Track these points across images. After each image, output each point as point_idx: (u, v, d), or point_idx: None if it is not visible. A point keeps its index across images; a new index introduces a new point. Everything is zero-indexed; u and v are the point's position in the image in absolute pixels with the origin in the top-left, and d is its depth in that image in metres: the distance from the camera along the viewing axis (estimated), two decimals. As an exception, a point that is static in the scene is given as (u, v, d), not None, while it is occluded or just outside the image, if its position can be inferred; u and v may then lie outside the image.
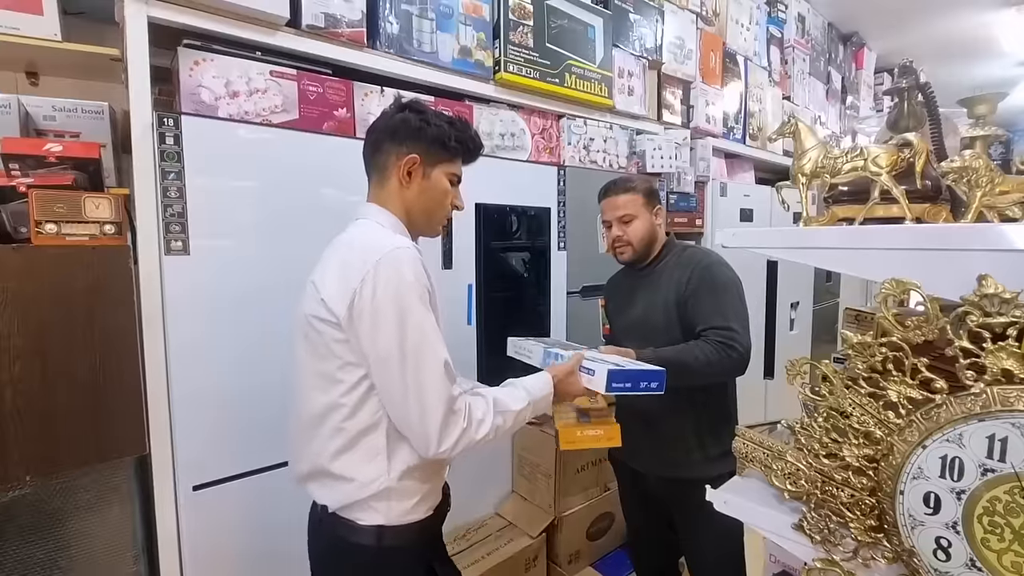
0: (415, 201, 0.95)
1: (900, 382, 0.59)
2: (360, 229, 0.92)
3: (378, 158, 0.94)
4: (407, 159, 0.92)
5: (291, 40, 1.32)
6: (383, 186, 0.95)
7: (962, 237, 0.55)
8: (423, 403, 0.81)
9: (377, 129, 0.96)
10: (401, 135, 0.93)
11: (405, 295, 0.81)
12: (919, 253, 0.59)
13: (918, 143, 0.64)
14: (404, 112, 0.94)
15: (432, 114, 0.95)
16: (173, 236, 1.13)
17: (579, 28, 1.91)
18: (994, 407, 0.52)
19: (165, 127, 1.12)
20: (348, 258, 0.85)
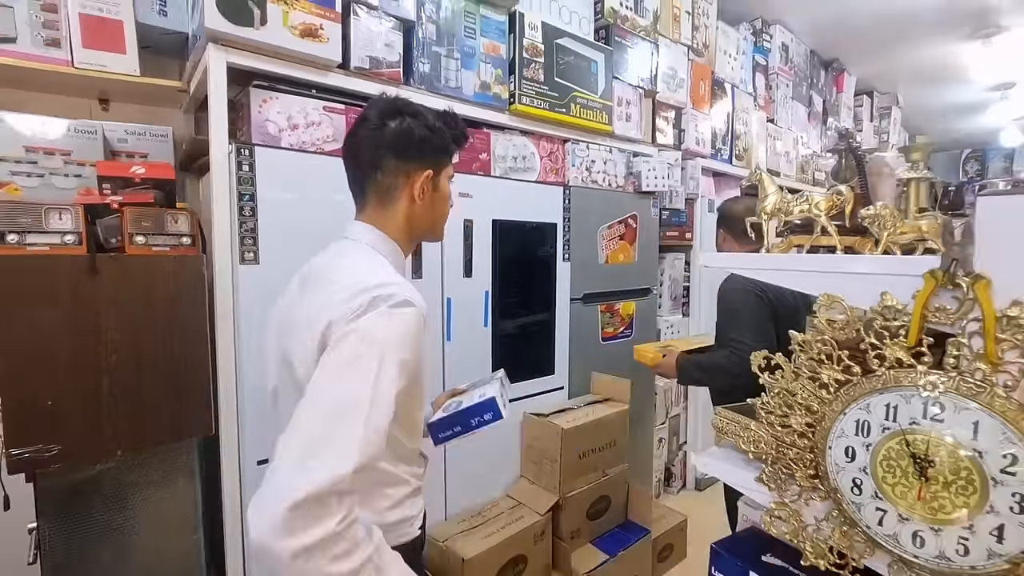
0: (424, 215, 0.89)
1: (830, 368, 0.81)
2: (355, 255, 0.83)
3: (376, 178, 0.85)
4: (423, 177, 0.85)
5: (341, 80, 1.54)
6: (386, 205, 0.86)
7: (871, 265, 0.78)
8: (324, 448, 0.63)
9: (370, 144, 0.84)
10: (409, 150, 0.84)
11: (377, 349, 0.70)
12: (844, 276, 0.82)
13: (847, 193, 0.86)
14: (401, 120, 0.84)
15: (430, 116, 0.87)
16: (246, 248, 1.34)
17: (583, 64, 2.14)
18: (890, 384, 0.74)
19: (242, 156, 1.32)
20: (340, 288, 0.75)
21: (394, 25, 1.61)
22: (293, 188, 1.41)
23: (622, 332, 2.42)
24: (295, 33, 1.40)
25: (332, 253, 0.87)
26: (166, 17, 1.57)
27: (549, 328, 2.10)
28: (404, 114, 0.85)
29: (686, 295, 2.94)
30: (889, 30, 3.61)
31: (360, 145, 0.86)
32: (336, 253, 0.86)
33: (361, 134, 0.86)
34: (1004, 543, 0.65)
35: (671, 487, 2.99)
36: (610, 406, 2.08)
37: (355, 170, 0.88)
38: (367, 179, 0.87)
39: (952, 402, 0.69)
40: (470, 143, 1.80)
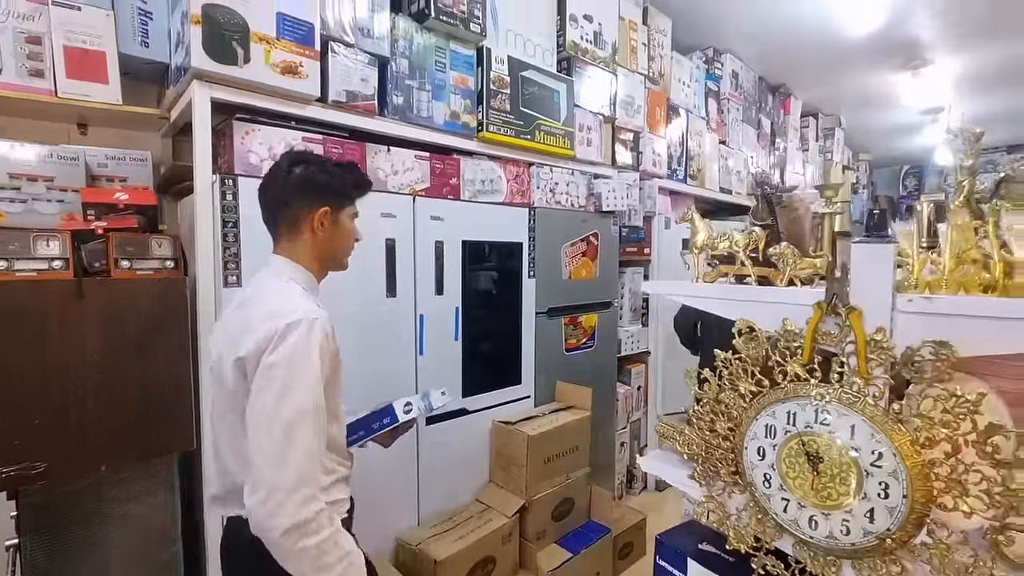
0: (327, 246, 1.05)
1: (747, 381, 0.97)
2: (273, 287, 0.98)
3: (286, 212, 1.02)
4: (320, 212, 1.01)
5: (319, 112, 1.64)
6: (294, 238, 1.03)
7: (777, 295, 0.94)
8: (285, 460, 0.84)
9: (280, 186, 1.02)
10: (310, 191, 1.01)
11: (300, 368, 0.88)
12: (756, 303, 0.98)
13: (760, 233, 1.03)
14: (304, 167, 1.02)
15: (329, 165, 1.05)
16: (230, 272, 1.42)
17: (547, 93, 2.30)
18: (791, 395, 0.90)
19: (226, 186, 1.41)
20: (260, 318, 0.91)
21: (369, 61, 1.72)
22: (274, 215, 1.50)
23: (584, 343, 2.57)
24: (276, 70, 1.50)
25: (255, 284, 1.04)
26: (147, 48, 1.64)
27: (516, 341, 2.24)
28: (307, 162, 1.03)
29: (645, 307, 3.13)
30: (830, 60, 3.92)
31: (272, 188, 1.04)
32: (257, 284, 1.03)
33: (273, 179, 1.04)
34: (874, 523, 0.81)
35: (633, 488, 3.15)
36: (573, 413, 2.23)
37: (267, 209, 1.05)
38: (278, 215, 1.04)
39: (836, 409, 0.85)
40: (440, 169, 1.93)
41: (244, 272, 1.44)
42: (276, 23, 1.48)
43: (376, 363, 1.74)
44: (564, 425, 2.10)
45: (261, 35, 1.46)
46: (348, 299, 1.64)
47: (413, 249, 1.83)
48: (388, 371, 1.77)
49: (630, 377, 3.02)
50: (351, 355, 1.67)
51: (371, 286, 1.72)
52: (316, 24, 1.56)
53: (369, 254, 1.70)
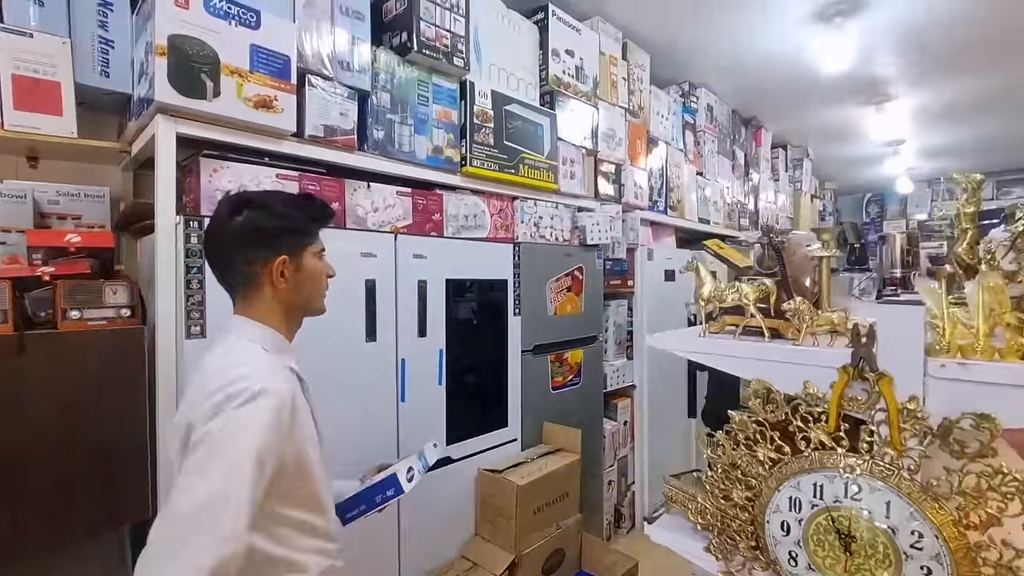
0: (294, 296, 0.92)
1: (764, 446, 0.90)
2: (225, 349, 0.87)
3: (236, 269, 0.89)
4: (277, 263, 0.88)
5: (295, 147, 1.54)
6: (252, 296, 0.90)
7: (795, 355, 0.88)
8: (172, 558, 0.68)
9: (223, 238, 0.88)
10: (258, 241, 0.88)
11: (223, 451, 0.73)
12: (773, 364, 0.91)
13: (771, 285, 0.98)
14: (247, 213, 0.87)
15: (277, 203, 0.91)
16: (193, 322, 1.30)
17: (531, 127, 2.26)
18: (816, 465, 0.83)
19: (190, 228, 1.29)
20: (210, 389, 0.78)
21: (349, 94, 1.64)
22: (244, 258, 1.39)
23: (571, 380, 2.49)
24: (249, 105, 1.40)
25: (214, 351, 0.90)
26: (108, 78, 1.53)
27: (501, 381, 2.14)
28: (250, 206, 0.89)
29: (630, 339, 3.07)
30: (800, 95, 4.04)
31: (213, 243, 0.91)
32: (216, 351, 0.89)
33: (212, 233, 0.91)
34: (916, 610, 0.74)
35: (621, 528, 3.04)
36: (562, 457, 2.13)
37: (214, 267, 0.92)
38: (226, 275, 0.91)
39: (867, 483, 0.79)
40: (422, 205, 1.85)
41: (209, 322, 1.31)
42: (250, 55, 1.39)
43: (354, 414, 1.61)
44: (554, 471, 1.99)
45: (233, 68, 1.36)
46: (323, 347, 1.53)
47: (395, 290, 1.73)
48: (367, 422, 1.65)
49: (616, 412, 2.95)
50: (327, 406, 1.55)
51: (349, 331, 1.61)
52: (293, 57, 1.48)
53: (348, 297, 1.60)
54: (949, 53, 3.30)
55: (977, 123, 4.86)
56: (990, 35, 3.01)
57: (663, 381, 3.24)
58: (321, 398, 1.55)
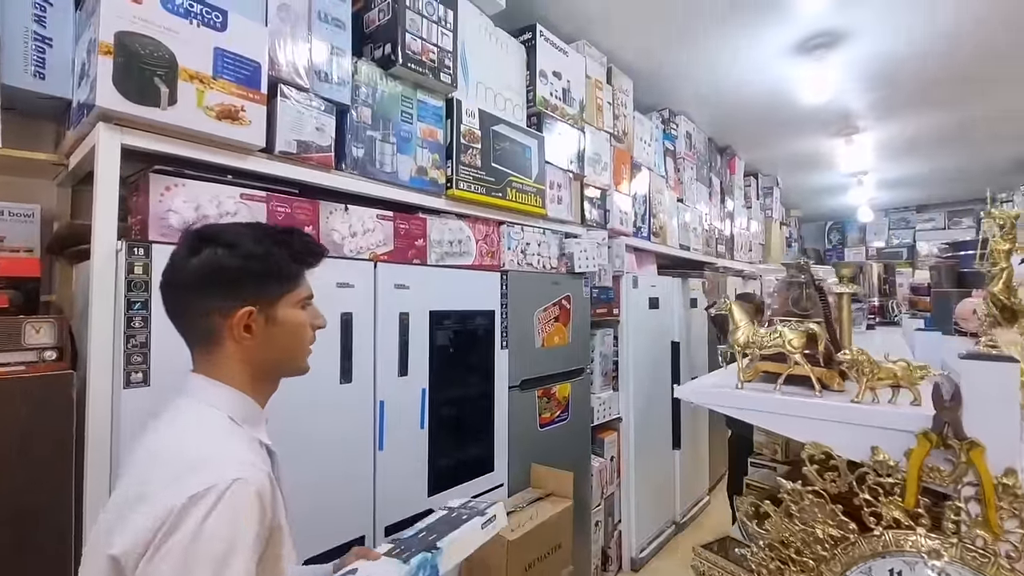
0: (265, 354, 0.74)
1: (823, 522, 0.77)
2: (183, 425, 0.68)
3: (191, 320, 0.72)
4: (239, 315, 0.71)
5: (263, 164, 1.37)
6: (212, 352, 0.72)
7: (858, 415, 0.76)
8: None
9: (178, 281, 0.72)
10: (219, 287, 0.70)
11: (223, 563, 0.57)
12: (831, 424, 0.79)
13: (820, 331, 0.86)
14: (208, 251, 0.70)
15: (248, 240, 0.72)
16: (134, 367, 1.09)
17: (518, 149, 2.14)
18: (891, 547, 0.71)
19: (135, 256, 1.10)
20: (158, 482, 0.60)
21: (326, 108, 1.48)
22: (200, 290, 1.19)
23: (559, 416, 2.33)
24: (211, 115, 1.23)
25: (164, 420, 0.71)
26: (43, 80, 1.32)
27: (488, 422, 1.97)
28: (213, 243, 0.71)
29: (615, 369, 2.95)
30: (774, 125, 4.11)
31: (166, 287, 0.74)
32: (168, 420, 0.71)
33: (166, 274, 0.74)
34: None
35: (608, 570, 2.87)
36: (553, 503, 1.96)
37: (170, 315, 0.75)
38: (182, 324, 0.74)
39: (957, 572, 0.66)
40: (404, 230, 1.69)
41: (155, 369, 1.11)
42: (213, 59, 1.22)
43: (324, 469, 1.41)
44: (546, 521, 1.82)
45: (192, 72, 1.19)
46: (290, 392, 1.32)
47: (374, 324, 1.55)
48: (339, 476, 1.45)
49: (603, 448, 2.80)
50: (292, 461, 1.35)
51: (321, 373, 1.42)
52: (263, 63, 1.32)
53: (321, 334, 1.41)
54: (918, 88, 3.40)
55: (935, 156, 5.08)
56: (957, 70, 3.11)
57: (648, 412, 3.13)
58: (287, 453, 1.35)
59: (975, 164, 5.39)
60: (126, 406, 1.08)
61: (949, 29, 2.59)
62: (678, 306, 3.51)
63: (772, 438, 1.33)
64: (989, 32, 2.60)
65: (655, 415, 3.23)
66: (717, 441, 4.07)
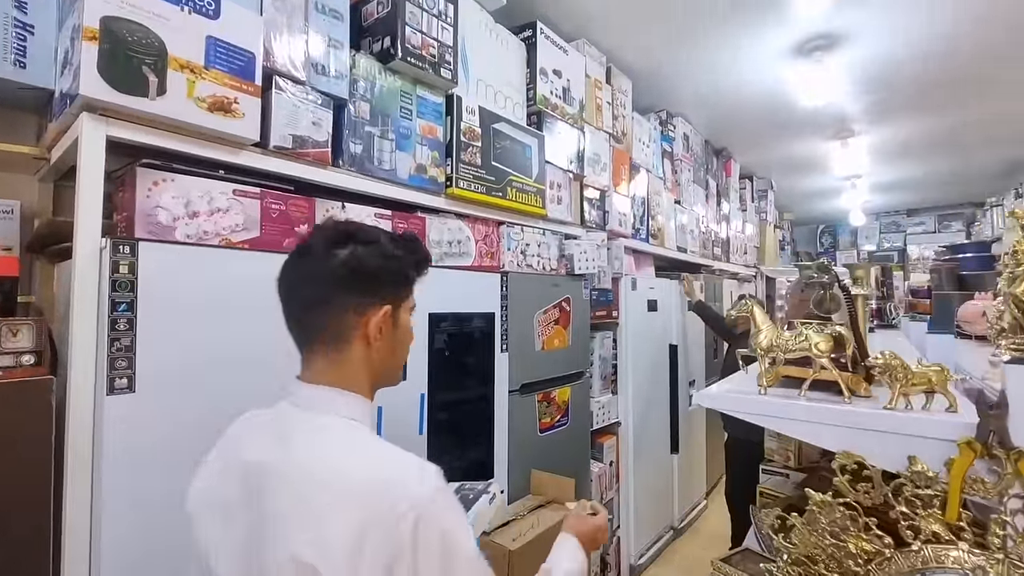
0: (386, 358, 0.72)
1: (856, 536, 0.73)
2: (349, 448, 0.63)
3: (327, 316, 0.68)
4: (381, 314, 0.69)
5: (257, 159, 1.31)
6: (340, 352, 0.68)
7: (894, 422, 0.72)
8: None
9: (318, 274, 0.67)
10: (362, 284, 0.68)
11: (459, 560, 0.59)
12: (862, 432, 0.75)
13: (846, 334, 0.82)
14: (353, 248, 0.68)
15: (385, 240, 0.71)
16: (118, 372, 1.02)
17: (519, 148, 2.10)
18: (931, 563, 0.67)
19: (120, 254, 1.03)
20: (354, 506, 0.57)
21: (323, 102, 1.43)
22: (189, 292, 1.13)
23: (559, 421, 2.28)
24: (202, 106, 1.17)
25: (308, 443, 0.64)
26: (24, 69, 1.26)
27: (488, 427, 1.91)
28: (356, 240, 0.69)
29: (615, 373, 2.91)
30: (771, 127, 4.10)
31: (302, 281, 0.68)
32: (320, 443, 0.64)
33: (303, 267, 0.69)
34: None
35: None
36: (555, 510, 1.90)
37: (297, 312, 0.70)
38: (313, 322, 0.69)
39: (1005, 590, 0.62)
40: (403, 229, 1.64)
41: (140, 376, 1.04)
42: (205, 48, 1.17)
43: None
44: (548, 530, 1.76)
45: (184, 61, 1.13)
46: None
47: (371, 326, 1.49)
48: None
49: (602, 452, 2.75)
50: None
51: (317, 376, 1.36)
52: (258, 54, 1.26)
53: (316, 336, 1.35)
54: (915, 91, 3.41)
55: (928, 159, 5.11)
56: (954, 73, 3.12)
57: (646, 416, 3.09)
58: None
59: (968, 168, 5.43)
60: (109, 413, 1.01)
61: (948, 30, 2.59)
62: (676, 309, 3.48)
63: (784, 444, 1.30)
64: (988, 32, 2.60)
65: (654, 419, 3.19)
66: (714, 445, 4.05)
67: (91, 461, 1.01)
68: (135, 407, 1.03)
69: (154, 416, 1.06)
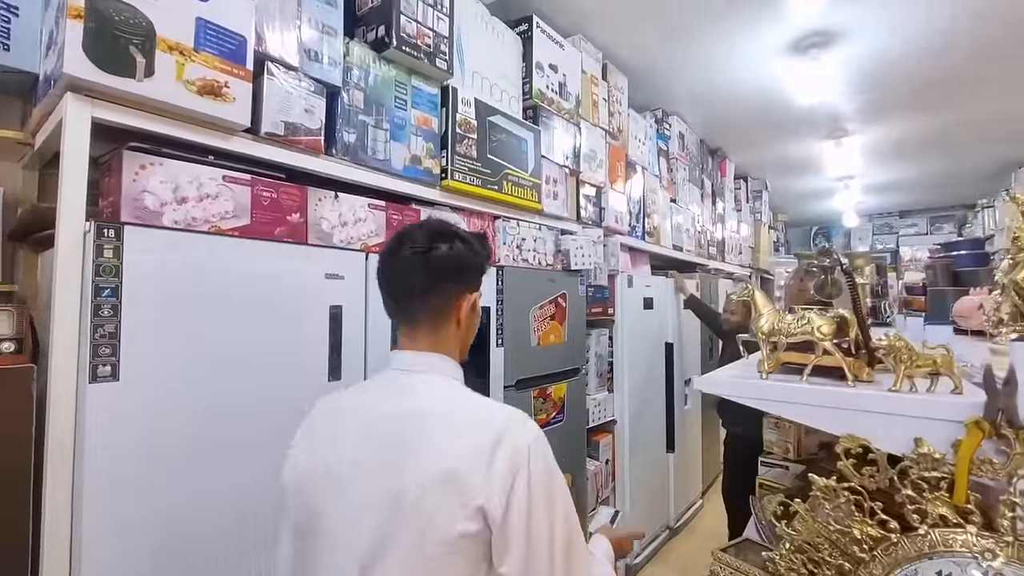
0: (466, 335, 0.88)
1: (861, 521, 0.71)
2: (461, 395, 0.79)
3: (431, 300, 0.81)
4: (473, 298, 0.85)
5: (248, 145, 1.28)
6: (440, 330, 0.82)
7: (899, 404, 0.70)
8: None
9: (428, 264, 0.80)
10: (459, 274, 0.83)
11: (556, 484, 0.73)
12: (862, 414, 0.73)
13: (850, 316, 0.81)
14: (451, 244, 0.82)
15: (477, 240, 0.87)
16: (101, 360, 0.99)
17: (515, 142, 2.08)
18: (939, 547, 0.65)
19: (104, 238, 1.00)
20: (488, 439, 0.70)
21: (316, 89, 1.41)
22: (176, 279, 1.10)
23: (554, 418, 2.26)
24: (192, 89, 1.14)
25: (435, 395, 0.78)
26: (8, 52, 1.23)
27: (482, 422, 1.89)
28: (454, 238, 0.83)
29: (611, 370, 2.89)
30: (766, 126, 4.10)
31: (410, 269, 0.81)
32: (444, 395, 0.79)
33: (410, 257, 0.81)
34: None
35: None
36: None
37: (403, 294, 0.83)
38: (424, 301, 0.82)
39: (1015, 573, 0.60)
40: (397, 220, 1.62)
41: (124, 363, 1.01)
42: (195, 30, 1.14)
43: (312, 469, 1.32)
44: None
45: (173, 43, 1.11)
46: (273, 388, 1.24)
47: (364, 318, 1.47)
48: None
49: (598, 451, 2.73)
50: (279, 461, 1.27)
51: (308, 368, 1.33)
52: (250, 38, 1.24)
53: (307, 327, 1.33)
54: (909, 90, 3.42)
55: (921, 160, 5.14)
56: (949, 71, 3.13)
57: (642, 414, 3.07)
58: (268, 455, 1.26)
59: (960, 169, 5.47)
60: (92, 402, 0.98)
61: (945, 26, 2.60)
62: (672, 307, 3.47)
63: (783, 436, 1.28)
64: (985, 28, 2.61)
65: (649, 417, 3.18)
66: (710, 444, 4.04)
67: (72, 450, 0.98)
68: (119, 395, 1.00)
69: (138, 405, 1.03)
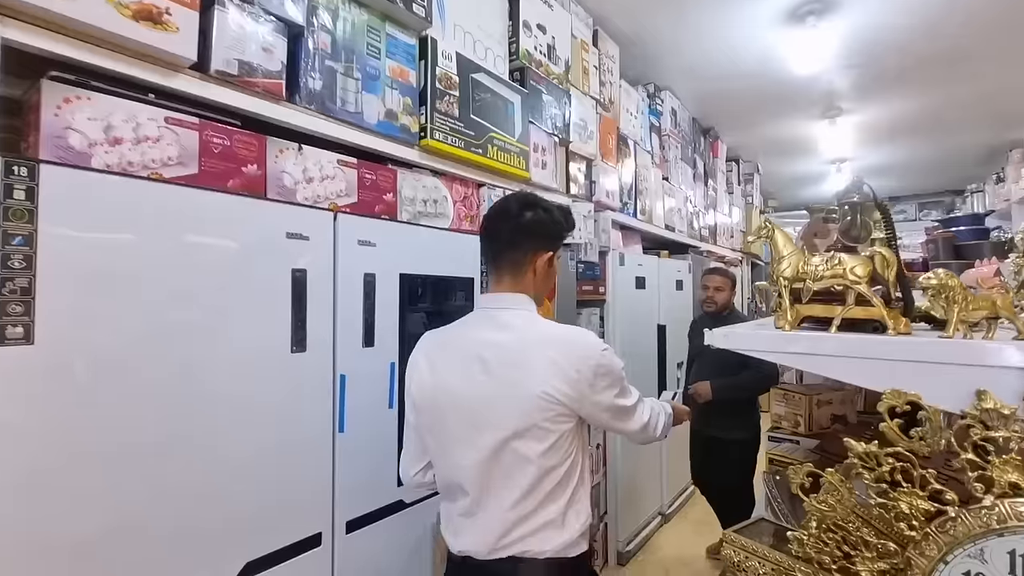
0: (541, 286, 1.09)
1: (910, 493, 0.60)
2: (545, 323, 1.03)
3: (514, 254, 1.04)
4: (547, 256, 1.06)
5: (194, 85, 1.13)
6: (519, 277, 1.05)
7: (954, 351, 0.59)
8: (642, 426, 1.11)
9: (514, 229, 1.04)
10: (538, 236, 1.05)
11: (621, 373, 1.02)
12: (909, 365, 0.61)
13: (890, 255, 0.69)
14: (535, 212, 1.05)
15: (555, 211, 1.08)
16: (11, 320, 0.84)
17: (501, 103, 1.94)
18: (1010, 520, 0.54)
19: (14, 176, 0.85)
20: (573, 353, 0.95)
21: (275, 27, 1.25)
22: (108, 228, 0.95)
23: (543, 399, 2.14)
24: (125, 13, 0.99)
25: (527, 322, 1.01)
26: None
27: (466, 402, 1.76)
28: (538, 207, 1.06)
29: (601, 352, 2.78)
30: (760, 101, 4.00)
31: (505, 230, 1.05)
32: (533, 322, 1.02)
33: (504, 221, 1.05)
34: None
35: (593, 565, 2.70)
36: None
37: (496, 248, 1.06)
38: (506, 256, 1.05)
39: (1108, 551, 0.49)
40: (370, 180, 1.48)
41: (39, 323, 0.86)
42: (127, -58, 0.98)
43: (271, 449, 1.18)
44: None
45: (99, -45, 0.95)
46: (230, 357, 1.10)
47: (333, 284, 1.33)
48: (290, 460, 1.22)
49: (589, 435, 2.62)
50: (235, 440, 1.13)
51: (267, 338, 1.19)
52: (195, -40, 1.08)
53: (266, 291, 1.18)
54: (904, 65, 3.33)
55: (913, 143, 5.08)
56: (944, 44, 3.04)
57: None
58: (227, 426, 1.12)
59: (950, 152, 5.43)
60: (2, 367, 0.83)
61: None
62: (664, 287, 3.36)
63: (793, 409, 1.17)
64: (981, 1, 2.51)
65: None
66: (702, 429, 3.95)
67: (-22, 427, 0.83)
68: (35, 361, 0.86)
69: (56, 372, 0.88)
